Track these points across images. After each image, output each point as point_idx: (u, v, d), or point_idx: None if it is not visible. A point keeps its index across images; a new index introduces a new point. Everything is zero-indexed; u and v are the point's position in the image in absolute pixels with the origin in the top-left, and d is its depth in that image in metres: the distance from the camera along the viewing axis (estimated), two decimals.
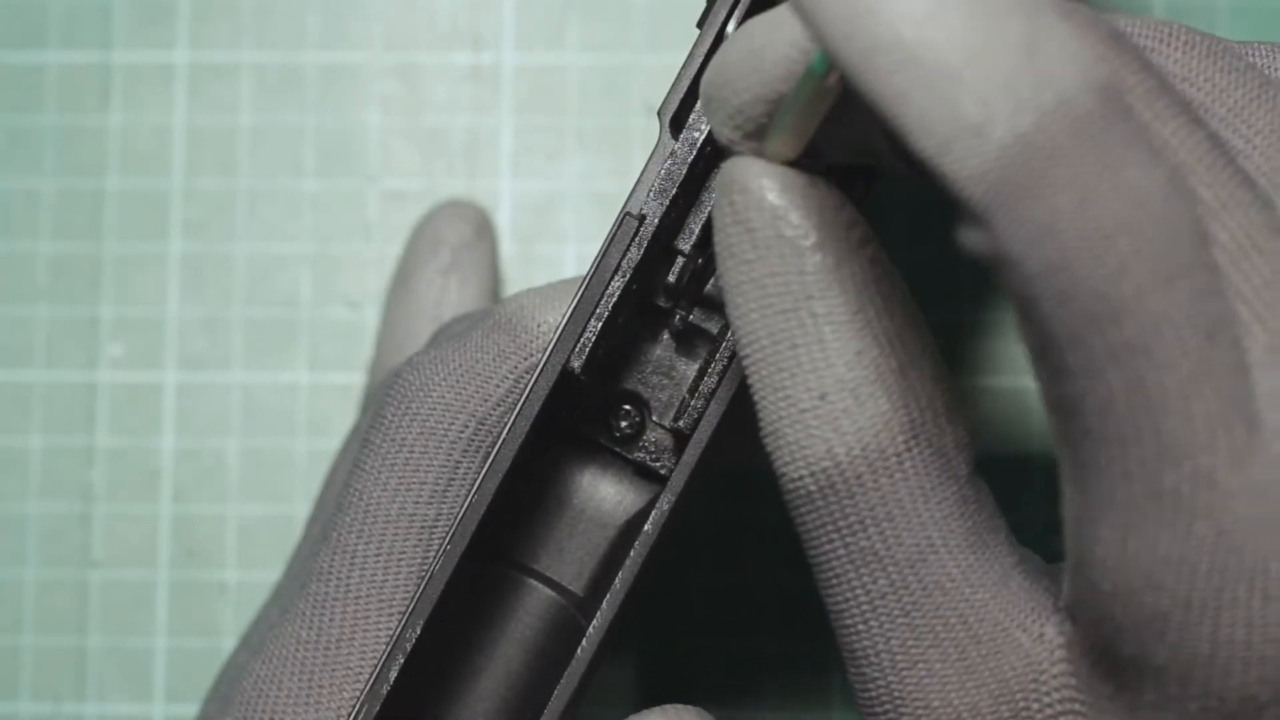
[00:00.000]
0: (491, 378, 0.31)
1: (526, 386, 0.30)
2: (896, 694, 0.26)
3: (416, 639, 0.29)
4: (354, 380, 0.46)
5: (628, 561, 0.29)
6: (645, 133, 0.46)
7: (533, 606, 0.31)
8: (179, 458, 0.46)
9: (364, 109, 0.46)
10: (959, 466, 0.26)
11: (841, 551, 0.26)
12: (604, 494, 0.32)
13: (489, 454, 0.31)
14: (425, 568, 0.31)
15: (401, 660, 0.29)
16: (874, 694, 0.27)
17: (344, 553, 0.31)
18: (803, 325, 0.26)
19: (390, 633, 0.31)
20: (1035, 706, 0.26)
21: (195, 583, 0.45)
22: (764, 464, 0.26)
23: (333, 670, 0.31)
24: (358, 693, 0.30)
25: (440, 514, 0.31)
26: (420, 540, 0.31)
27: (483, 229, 0.44)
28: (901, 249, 0.37)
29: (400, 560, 0.31)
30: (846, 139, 0.26)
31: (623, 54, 0.47)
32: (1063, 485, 0.25)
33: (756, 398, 0.26)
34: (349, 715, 0.30)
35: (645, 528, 0.29)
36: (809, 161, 0.26)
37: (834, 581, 0.26)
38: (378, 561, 0.31)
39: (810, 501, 0.26)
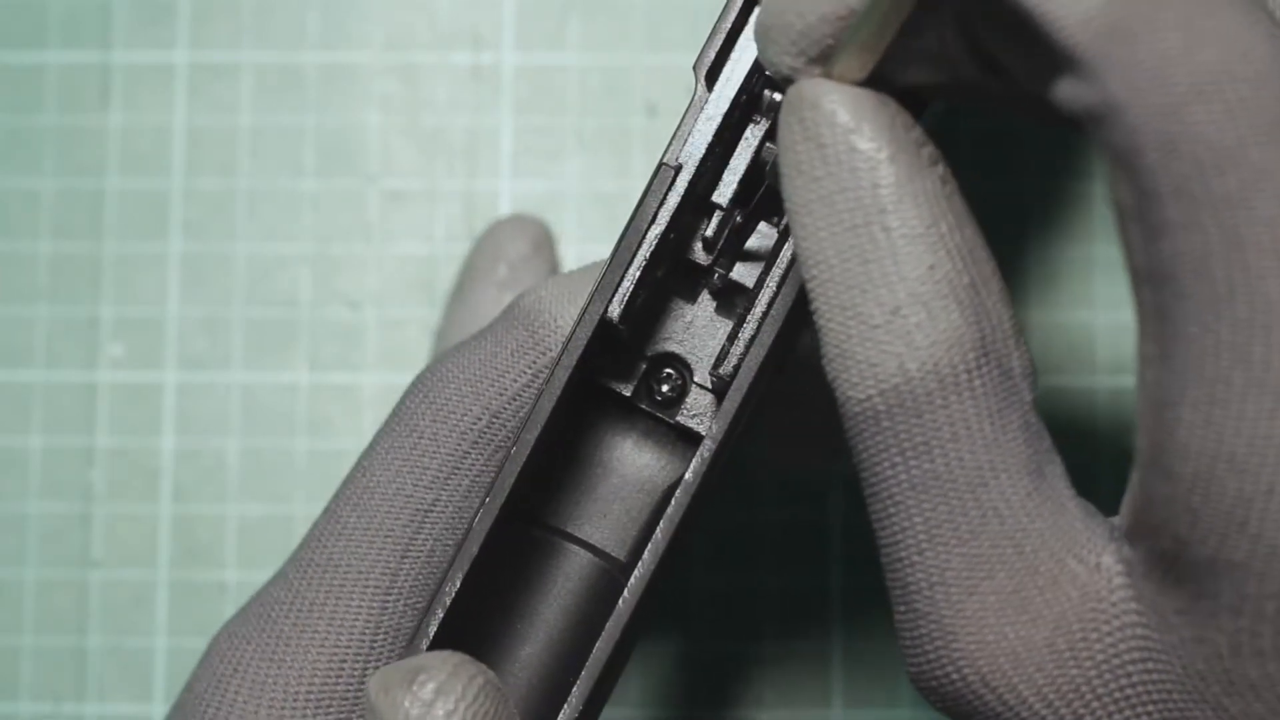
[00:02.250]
0: (508, 371, 0.31)
1: (566, 338, 0.30)
2: (949, 627, 0.26)
3: (456, 593, 0.29)
4: (354, 380, 0.46)
5: (669, 511, 0.29)
6: (645, 132, 0.46)
7: (575, 572, 0.31)
8: (179, 458, 0.46)
9: (364, 109, 0.47)
10: (1024, 392, 0.26)
11: (903, 476, 0.26)
12: (646, 460, 0.32)
13: (510, 438, 0.31)
14: (413, 551, 0.31)
15: (441, 614, 0.29)
16: (924, 630, 0.26)
17: (335, 522, 0.32)
18: (874, 240, 0.25)
19: (366, 607, 0.31)
20: (1094, 636, 0.25)
21: (195, 583, 0.45)
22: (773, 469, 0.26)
23: (301, 632, 0.31)
24: (325, 658, 0.31)
25: (438, 500, 0.31)
26: (412, 522, 0.31)
27: (541, 244, 0.44)
28: None
29: (387, 538, 0.31)
30: (919, 52, 0.26)
31: (623, 54, 0.47)
32: (1142, 374, 0.24)
33: (822, 320, 0.26)
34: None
35: (686, 477, 0.29)
36: (874, 84, 0.26)
37: (891, 510, 0.26)
38: (364, 535, 0.31)
39: (877, 422, 0.26)
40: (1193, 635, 0.24)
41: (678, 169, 0.29)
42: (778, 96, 0.30)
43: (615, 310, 0.29)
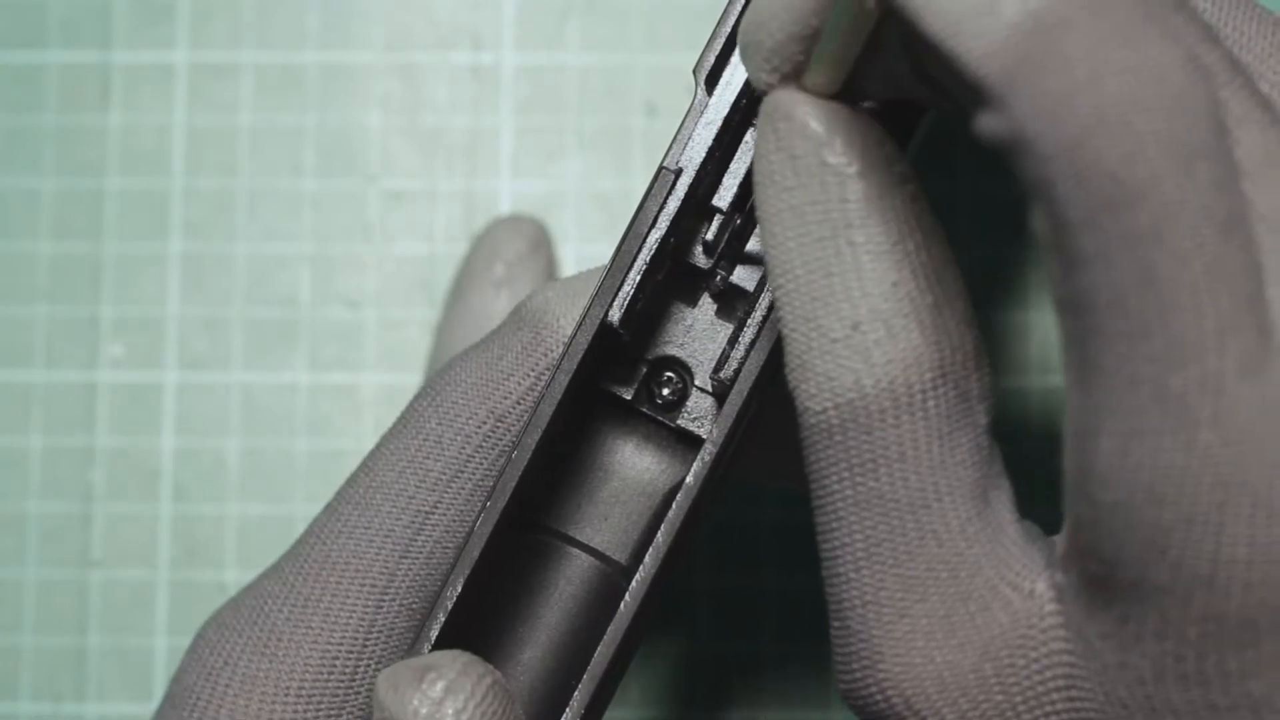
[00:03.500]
0: (513, 374, 0.31)
1: (567, 342, 0.30)
2: (877, 647, 0.26)
3: (458, 598, 0.29)
4: (354, 380, 0.46)
5: (670, 514, 0.29)
6: (645, 132, 0.46)
7: (576, 575, 0.31)
8: (179, 458, 0.46)
9: (364, 109, 0.47)
10: (979, 415, 0.26)
11: (849, 492, 0.26)
12: (647, 463, 0.32)
13: (512, 443, 0.31)
14: (412, 552, 0.31)
15: (443, 618, 0.29)
16: (853, 648, 0.26)
17: (336, 520, 0.32)
18: (840, 254, 0.25)
19: (361, 605, 0.31)
20: (1020, 663, 0.25)
21: (195, 583, 0.45)
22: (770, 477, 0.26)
23: (295, 626, 0.31)
24: (317, 654, 0.31)
25: (440, 502, 0.31)
26: (413, 524, 0.31)
27: (538, 243, 0.45)
28: None
29: (387, 538, 0.31)
30: (878, 70, 0.26)
31: (623, 54, 0.47)
32: (1068, 398, 0.24)
33: (786, 330, 0.26)
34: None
35: (687, 480, 0.29)
36: (848, 99, 0.26)
37: (834, 525, 0.26)
38: (365, 534, 0.31)
39: (829, 436, 0.26)
40: (1117, 661, 0.24)
41: (678, 173, 0.30)
42: None
43: (616, 314, 0.29)
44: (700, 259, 0.31)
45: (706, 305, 0.31)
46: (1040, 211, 0.23)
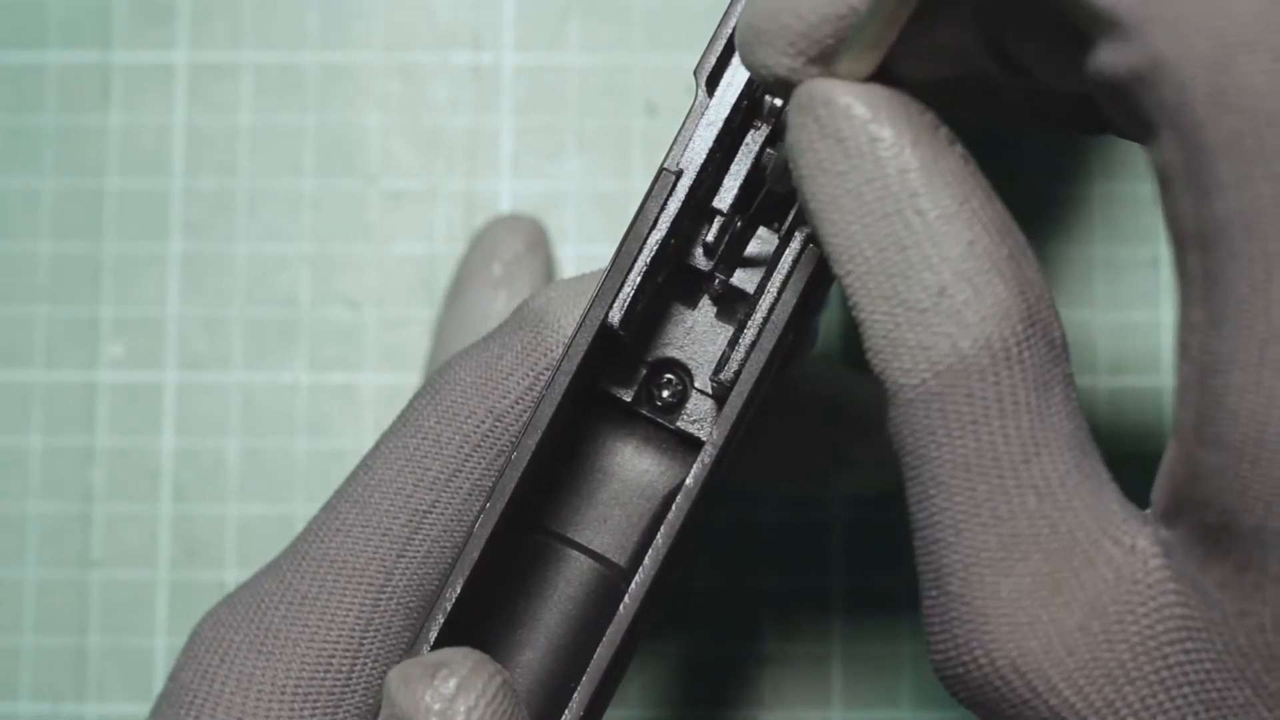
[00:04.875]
0: (512, 374, 0.31)
1: (567, 344, 0.30)
2: (981, 609, 0.25)
3: (457, 599, 0.29)
4: (354, 380, 0.46)
5: (670, 516, 0.29)
6: (645, 133, 0.46)
7: (576, 577, 0.31)
8: (179, 458, 0.46)
9: (364, 109, 0.47)
10: (1064, 363, 0.26)
11: (948, 455, 0.25)
12: (646, 465, 0.32)
13: (511, 444, 0.31)
14: (409, 550, 0.31)
15: (441, 620, 0.29)
16: (955, 613, 0.26)
17: (334, 518, 0.32)
18: (909, 225, 0.25)
19: (358, 604, 0.31)
20: (1129, 618, 0.25)
21: (195, 583, 0.45)
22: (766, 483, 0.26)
23: (291, 625, 0.31)
24: (314, 652, 0.31)
25: (438, 501, 0.31)
26: (410, 522, 0.31)
27: (535, 243, 0.45)
28: None
29: (384, 537, 0.31)
30: (931, 47, 0.26)
31: (623, 54, 0.47)
32: (1186, 345, 0.24)
33: (864, 313, 0.26)
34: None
35: (687, 482, 0.29)
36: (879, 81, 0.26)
37: (932, 492, 0.26)
38: (362, 533, 0.31)
39: (928, 405, 0.25)
40: (1236, 609, 0.24)
41: (678, 174, 0.30)
42: (779, 102, 0.30)
43: (616, 316, 0.29)
44: (700, 261, 0.31)
45: (706, 307, 0.31)
46: (1171, 140, 0.23)
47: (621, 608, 0.29)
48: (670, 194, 0.29)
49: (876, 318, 0.26)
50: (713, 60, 0.30)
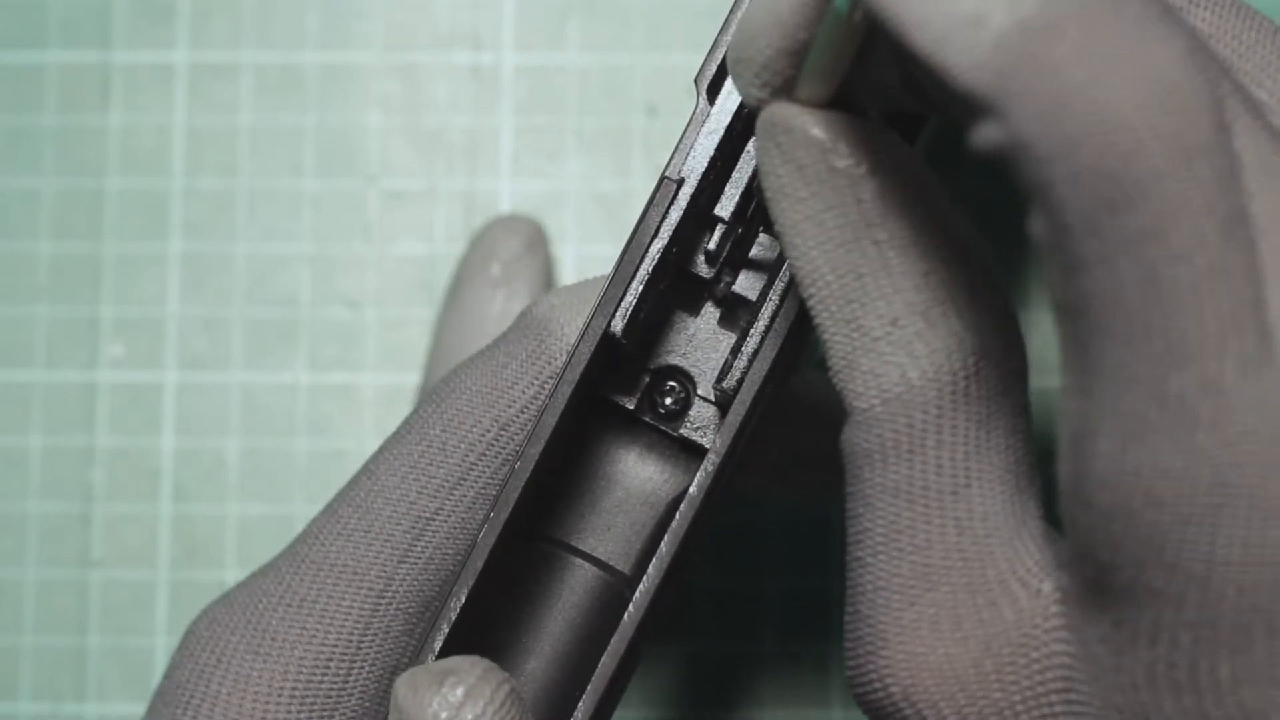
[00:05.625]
0: (517, 382, 0.31)
1: (569, 352, 0.30)
2: (882, 634, 0.26)
3: (461, 608, 0.29)
4: (354, 380, 0.46)
5: (673, 524, 0.29)
6: (645, 133, 0.46)
7: (579, 585, 0.31)
8: (179, 458, 0.46)
9: (364, 109, 0.46)
10: (1017, 394, 0.26)
11: (879, 479, 0.26)
12: (650, 473, 0.32)
13: (512, 456, 0.31)
14: (411, 556, 0.31)
15: (447, 629, 0.29)
16: (860, 633, 0.26)
17: (335, 521, 0.32)
18: (866, 254, 0.25)
19: (358, 607, 0.31)
20: (1021, 662, 0.25)
21: (195, 583, 0.45)
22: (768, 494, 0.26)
23: (289, 626, 0.31)
24: (311, 654, 0.31)
25: (441, 509, 0.31)
26: (413, 529, 0.31)
27: (534, 243, 0.45)
28: None
29: (386, 542, 0.31)
30: (872, 84, 0.26)
31: (623, 54, 0.47)
32: (1063, 402, 0.24)
33: (825, 336, 0.26)
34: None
35: (690, 490, 0.29)
36: (844, 107, 0.26)
37: (861, 512, 0.26)
38: (364, 537, 0.31)
39: (869, 429, 0.26)
40: (1113, 665, 0.24)
41: (680, 183, 0.30)
42: None
43: (618, 324, 0.29)
44: (703, 268, 0.31)
45: (709, 315, 0.31)
46: (1039, 216, 0.23)
47: (626, 615, 0.29)
48: (672, 202, 0.29)
49: (836, 340, 0.26)
50: (713, 68, 0.30)
